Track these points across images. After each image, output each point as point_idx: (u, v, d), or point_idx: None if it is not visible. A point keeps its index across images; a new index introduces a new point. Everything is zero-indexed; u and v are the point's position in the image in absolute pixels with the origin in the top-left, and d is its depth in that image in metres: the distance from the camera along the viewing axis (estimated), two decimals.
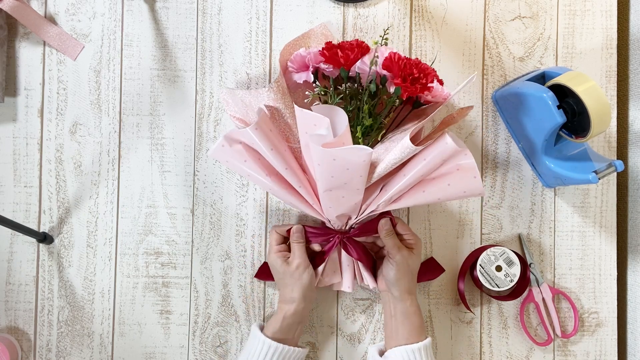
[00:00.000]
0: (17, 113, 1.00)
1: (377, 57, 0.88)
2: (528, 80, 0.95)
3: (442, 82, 0.93)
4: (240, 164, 0.89)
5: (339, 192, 0.88)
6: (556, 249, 1.03)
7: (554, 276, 1.03)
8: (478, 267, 0.97)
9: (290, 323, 0.92)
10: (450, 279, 1.02)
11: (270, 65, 1.02)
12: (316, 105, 0.88)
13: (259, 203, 1.01)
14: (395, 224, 0.94)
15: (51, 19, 1.00)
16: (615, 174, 1.03)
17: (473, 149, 1.02)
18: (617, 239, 1.05)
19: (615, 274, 1.03)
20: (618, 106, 1.06)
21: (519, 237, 1.03)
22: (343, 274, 0.98)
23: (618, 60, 1.06)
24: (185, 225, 1.01)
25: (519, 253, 1.00)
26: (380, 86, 0.89)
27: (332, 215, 0.92)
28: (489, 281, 0.97)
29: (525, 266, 0.99)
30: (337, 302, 1.02)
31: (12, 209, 1.00)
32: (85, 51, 1.00)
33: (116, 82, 1.01)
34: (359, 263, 0.96)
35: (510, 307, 1.03)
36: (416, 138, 0.91)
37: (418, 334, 0.90)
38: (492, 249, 0.97)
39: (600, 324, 1.03)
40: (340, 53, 0.87)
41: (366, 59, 0.89)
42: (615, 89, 1.04)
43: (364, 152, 0.82)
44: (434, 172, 0.88)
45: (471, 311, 1.02)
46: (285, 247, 0.96)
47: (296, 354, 0.92)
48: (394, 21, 1.03)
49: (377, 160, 0.88)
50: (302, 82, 0.92)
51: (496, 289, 0.97)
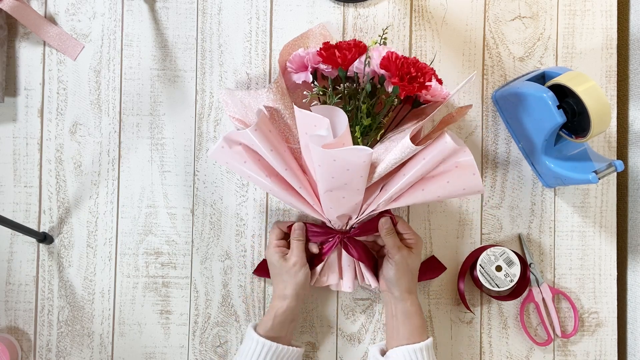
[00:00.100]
0: (17, 113, 1.00)
1: (370, 58, 0.87)
2: (528, 80, 0.95)
3: (441, 82, 0.93)
4: (240, 165, 0.89)
5: (340, 193, 0.88)
6: (556, 249, 1.03)
7: (554, 276, 1.03)
8: (478, 267, 0.97)
9: (281, 321, 0.92)
10: (450, 279, 1.02)
11: (270, 65, 1.02)
12: (315, 105, 0.88)
13: (259, 203, 1.01)
14: (396, 223, 0.94)
15: (51, 19, 1.00)
16: (615, 174, 1.03)
17: (473, 149, 1.02)
18: (617, 239, 1.05)
19: (615, 274, 1.03)
20: (618, 106, 1.06)
21: (519, 237, 1.03)
22: (343, 274, 0.97)
23: (618, 60, 1.06)
24: (185, 225, 1.01)
25: (519, 253, 1.00)
26: (379, 86, 0.89)
27: (333, 215, 0.92)
28: (489, 281, 0.97)
29: (525, 266, 0.99)
30: (337, 302, 1.02)
31: (12, 209, 1.00)
32: (85, 51, 1.00)
33: (116, 82, 1.01)
34: (360, 263, 0.96)
35: (510, 307, 1.03)
36: (416, 137, 0.91)
37: (419, 334, 0.90)
38: (492, 249, 0.97)
39: (600, 324, 1.03)
40: (337, 53, 0.87)
41: (364, 58, 0.89)
42: (615, 89, 1.04)
43: (364, 153, 0.82)
44: (433, 171, 0.88)
45: (471, 311, 1.02)
46: (285, 243, 0.96)
47: (290, 353, 0.91)
48: (394, 21, 1.03)
49: (377, 161, 0.88)
50: (301, 83, 0.92)
51: (496, 289, 0.97)
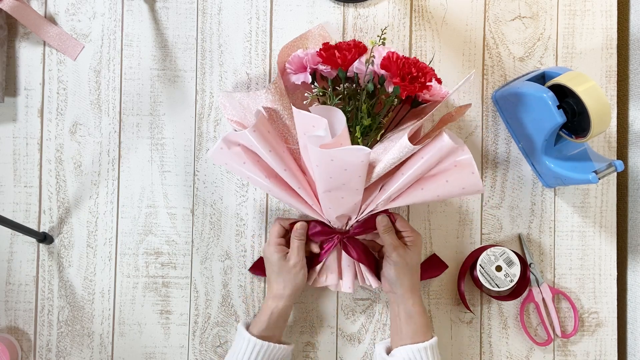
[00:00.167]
0: (17, 113, 1.00)
1: (374, 57, 0.88)
2: (528, 80, 0.95)
3: (441, 81, 0.93)
4: (239, 166, 0.89)
5: (338, 193, 0.88)
6: (556, 249, 1.03)
7: (554, 276, 1.03)
8: (478, 267, 0.97)
9: (276, 320, 0.92)
10: (450, 279, 1.02)
11: (270, 65, 1.02)
12: (315, 106, 0.88)
13: (259, 203, 1.01)
14: (395, 221, 0.94)
15: (51, 19, 1.00)
16: (615, 174, 1.03)
17: (473, 149, 1.02)
18: (617, 239, 1.05)
19: (615, 274, 1.03)
20: (618, 106, 1.06)
21: (519, 237, 1.03)
22: (343, 275, 0.97)
23: (618, 60, 1.06)
24: (185, 225, 1.01)
25: (519, 253, 1.00)
26: (379, 86, 0.89)
27: (332, 216, 0.92)
28: (489, 281, 0.97)
29: (525, 266, 0.99)
30: (337, 302, 1.02)
31: (12, 209, 1.00)
32: (85, 51, 1.00)
33: (116, 82, 1.01)
34: (360, 264, 0.96)
35: (510, 307, 1.03)
36: (415, 137, 0.91)
37: (423, 334, 0.90)
38: (492, 249, 0.97)
39: (600, 324, 1.03)
40: (337, 54, 0.87)
41: (364, 59, 0.89)
42: (615, 89, 1.04)
43: (362, 153, 0.82)
44: (432, 170, 0.88)
45: (471, 311, 1.02)
46: (285, 242, 0.95)
47: (282, 350, 0.92)
48: (394, 21, 1.03)
49: (376, 160, 0.88)
50: (300, 84, 0.92)
51: (496, 289, 0.97)
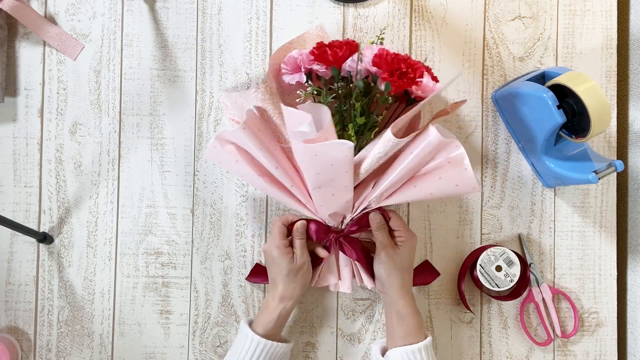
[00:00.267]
0: (17, 113, 1.00)
1: (362, 55, 0.87)
2: (528, 80, 0.95)
3: (437, 79, 0.93)
4: (233, 165, 0.89)
5: (328, 190, 0.88)
6: (556, 249, 1.03)
7: (554, 276, 1.03)
8: (478, 267, 0.97)
9: (283, 320, 0.92)
10: (450, 279, 1.02)
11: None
12: (303, 104, 0.88)
13: (259, 203, 1.01)
14: (389, 218, 0.94)
15: (51, 19, 1.00)
16: (615, 174, 1.03)
17: (473, 149, 1.03)
18: (617, 239, 1.05)
19: (615, 274, 1.03)
20: (618, 106, 1.06)
21: (519, 237, 1.03)
22: (341, 275, 0.97)
23: (618, 60, 1.06)
24: (185, 225, 1.01)
25: (519, 253, 1.00)
26: (372, 84, 0.88)
27: (325, 214, 0.92)
28: (489, 281, 0.97)
29: (525, 266, 0.99)
30: (337, 302, 1.02)
31: (12, 209, 1.00)
32: (85, 51, 1.00)
33: (116, 82, 1.01)
34: (357, 263, 0.96)
35: (510, 307, 1.03)
36: (407, 133, 0.91)
37: (415, 335, 0.89)
38: (492, 249, 0.97)
39: (600, 324, 1.03)
40: (329, 51, 0.87)
41: (357, 56, 0.89)
42: (615, 89, 1.04)
43: (344, 147, 0.82)
44: (426, 167, 0.88)
45: (471, 311, 1.02)
46: (289, 243, 0.94)
47: (283, 349, 0.92)
48: (394, 21, 1.03)
49: (364, 157, 0.88)
50: (295, 83, 0.92)
51: (496, 289, 0.97)
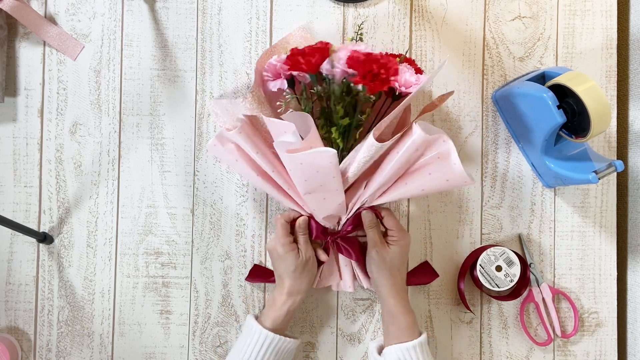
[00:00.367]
0: (17, 113, 1.00)
1: (336, 57, 0.86)
2: (528, 80, 0.95)
3: (421, 71, 0.92)
4: (233, 163, 0.90)
5: (319, 194, 0.88)
6: (556, 249, 1.03)
7: (554, 276, 1.03)
8: (478, 267, 0.97)
9: (291, 315, 0.93)
10: (450, 279, 1.02)
11: None
12: (286, 113, 0.88)
13: (259, 203, 1.01)
14: (382, 218, 0.93)
15: (51, 19, 1.00)
16: (615, 174, 1.03)
17: (473, 149, 1.03)
18: (617, 239, 1.05)
19: (615, 274, 1.03)
20: (618, 106, 1.06)
21: (519, 237, 1.03)
22: (342, 274, 0.98)
23: (618, 60, 1.06)
24: (185, 225, 1.01)
25: (519, 253, 1.00)
26: (352, 84, 0.88)
27: (320, 216, 0.92)
28: (489, 281, 0.97)
29: (525, 266, 0.99)
30: (337, 302, 1.02)
31: (12, 209, 1.00)
32: (85, 51, 1.00)
33: (116, 82, 1.01)
34: (354, 262, 0.96)
35: (510, 307, 1.03)
36: (399, 128, 0.91)
37: (408, 333, 0.90)
38: (492, 249, 0.97)
39: (600, 324, 1.03)
40: (301, 60, 0.86)
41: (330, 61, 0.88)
42: (615, 89, 1.04)
43: (328, 154, 0.82)
44: (416, 164, 0.88)
45: (471, 311, 1.02)
46: (293, 239, 0.94)
47: (291, 344, 0.92)
48: (394, 21, 1.03)
49: (349, 163, 0.88)
50: (277, 90, 0.91)
51: (496, 289, 0.97)
